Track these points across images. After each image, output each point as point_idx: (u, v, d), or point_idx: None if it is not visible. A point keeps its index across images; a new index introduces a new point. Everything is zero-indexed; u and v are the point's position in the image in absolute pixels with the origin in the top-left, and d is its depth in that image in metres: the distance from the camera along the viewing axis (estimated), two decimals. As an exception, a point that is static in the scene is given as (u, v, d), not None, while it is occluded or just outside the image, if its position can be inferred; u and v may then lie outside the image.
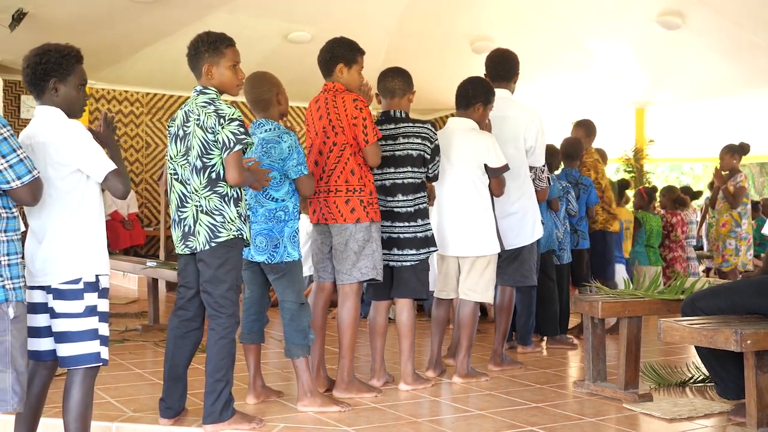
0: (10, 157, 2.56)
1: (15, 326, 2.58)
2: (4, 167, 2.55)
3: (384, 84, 4.35)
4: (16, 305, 2.59)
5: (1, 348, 2.56)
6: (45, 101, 2.88)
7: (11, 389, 2.57)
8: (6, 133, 2.57)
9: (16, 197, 2.63)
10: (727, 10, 9.09)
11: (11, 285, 2.59)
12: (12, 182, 2.58)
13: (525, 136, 4.92)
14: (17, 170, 2.58)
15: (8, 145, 2.56)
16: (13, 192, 2.60)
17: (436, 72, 10.44)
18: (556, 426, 3.62)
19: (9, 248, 2.61)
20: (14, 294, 2.59)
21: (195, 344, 3.56)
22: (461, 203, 4.51)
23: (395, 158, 4.25)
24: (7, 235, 2.61)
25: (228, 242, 3.38)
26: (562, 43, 10.35)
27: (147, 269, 6.34)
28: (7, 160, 2.56)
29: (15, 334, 2.58)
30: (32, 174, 2.61)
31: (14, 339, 2.58)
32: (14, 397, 2.58)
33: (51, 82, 2.86)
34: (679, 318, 3.63)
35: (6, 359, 2.56)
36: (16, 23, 8.16)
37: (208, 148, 3.35)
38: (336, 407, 3.81)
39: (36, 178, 2.63)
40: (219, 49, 3.46)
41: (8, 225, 2.62)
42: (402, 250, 4.23)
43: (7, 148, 2.56)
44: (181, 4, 8.76)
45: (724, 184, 7.81)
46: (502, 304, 4.98)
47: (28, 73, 2.87)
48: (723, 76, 10.88)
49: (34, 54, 2.87)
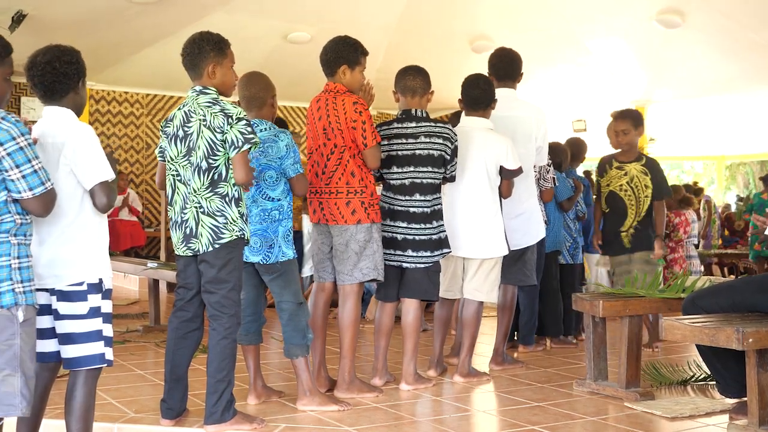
0: (24, 167, 2.55)
1: (24, 330, 2.57)
2: (16, 177, 2.54)
3: (404, 82, 4.33)
4: (26, 309, 2.58)
5: (10, 352, 2.53)
6: (62, 103, 2.87)
7: (20, 393, 2.55)
8: (23, 143, 2.55)
9: (26, 207, 2.61)
10: (727, 9, 9.09)
11: (21, 288, 2.57)
12: (23, 193, 2.56)
13: (536, 135, 4.91)
14: (30, 181, 2.56)
15: (23, 155, 2.55)
16: (25, 202, 2.59)
17: (435, 71, 10.33)
18: (558, 425, 3.62)
19: (20, 251, 2.61)
20: (24, 297, 2.58)
21: (195, 344, 3.56)
22: (476, 204, 4.49)
23: (416, 157, 4.21)
24: (18, 239, 2.61)
25: (231, 243, 3.38)
26: (561, 41, 10.34)
27: (148, 270, 6.34)
28: (21, 171, 2.54)
29: (24, 338, 2.57)
30: (45, 186, 2.59)
31: (23, 343, 2.56)
32: (23, 401, 2.56)
33: (80, 83, 2.88)
34: (680, 316, 3.63)
35: (15, 363, 2.54)
36: (16, 25, 8.15)
37: (215, 148, 3.34)
38: (335, 406, 3.82)
39: (48, 191, 2.61)
40: (223, 50, 3.47)
41: (20, 229, 2.62)
42: (417, 252, 4.21)
43: (22, 157, 2.54)
44: (181, 4, 8.76)
45: None
46: (504, 303, 4.98)
47: (48, 73, 2.82)
48: (723, 74, 10.88)
49: (55, 56, 2.83)
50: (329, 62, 4.12)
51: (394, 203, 4.24)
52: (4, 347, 2.52)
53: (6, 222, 2.57)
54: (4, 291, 2.53)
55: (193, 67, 3.46)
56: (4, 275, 2.54)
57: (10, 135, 2.53)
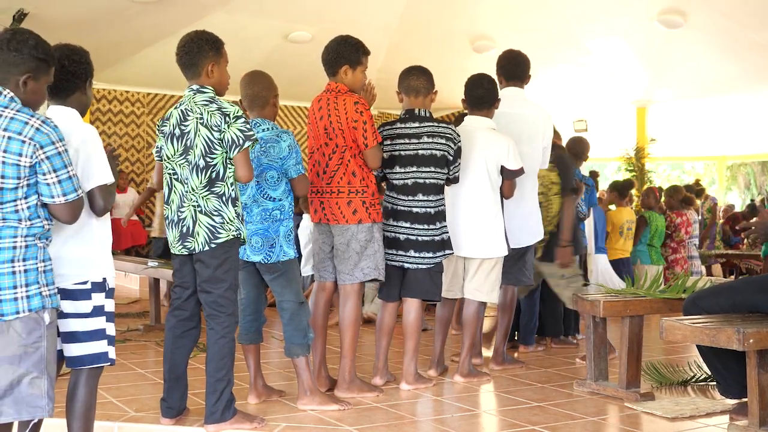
0: (61, 172, 2.55)
1: (49, 332, 2.59)
2: (53, 181, 2.54)
3: (408, 82, 4.32)
4: (51, 312, 2.60)
5: (37, 354, 2.54)
6: (67, 102, 2.87)
7: (47, 395, 2.57)
8: (61, 148, 2.56)
9: (54, 213, 2.60)
10: (728, 9, 9.10)
11: (47, 291, 2.59)
12: (57, 198, 2.56)
13: (544, 134, 4.91)
14: (64, 186, 2.56)
15: (61, 160, 2.55)
16: (54, 207, 2.59)
17: (436, 71, 10.36)
18: (558, 425, 3.62)
19: (45, 255, 2.62)
20: (50, 301, 2.59)
21: (193, 343, 3.56)
22: (478, 204, 4.49)
23: (418, 157, 4.21)
24: (42, 242, 2.62)
25: (227, 243, 3.38)
26: (562, 42, 10.36)
27: (148, 269, 6.34)
28: (58, 175, 2.55)
29: (50, 340, 2.58)
30: (77, 193, 2.60)
31: (49, 345, 2.58)
32: (49, 402, 2.58)
33: (87, 83, 2.89)
34: (680, 317, 3.63)
35: (42, 365, 2.55)
36: (17, 24, 8.16)
37: (212, 147, 3.34)
38: (336, 406, 3.82)
39: (80, 198, 2.62)
40: (220, 50, 3.47)
41: (45, 234, 2.62)
42: (419, 253, 4.20)
43: (59, 162, 2.55)
44: (181, 4, 8.77)
45: None
46: (505, 303, 4.98)
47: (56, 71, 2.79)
48: (724, 74, 10.89)
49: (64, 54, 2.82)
50: (331, 62, 4.12)
51: (397, 203, 4.24)
52: (31, 350, 2.53)
53: (36, 226, 2.58)
54: (33, 294, 2.54)
55: (192, 66, 3.45)
56: (32, 279, 2.55)
57: (50, 139, 2.53)
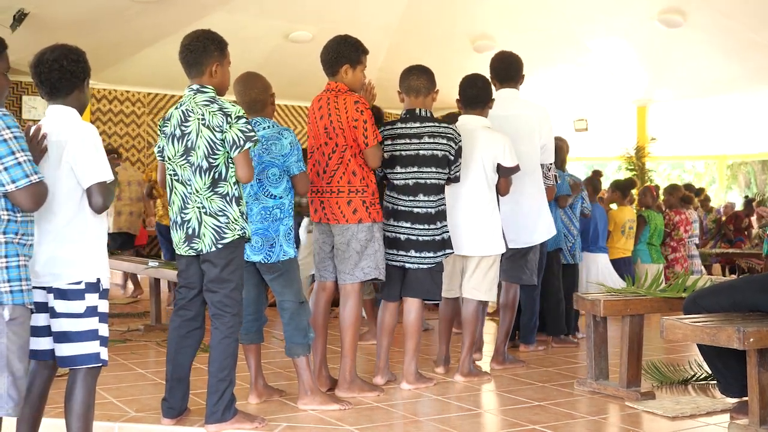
0: (7, 159, 2.52)
1: (11, 329, 2.54)
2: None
3: (408, 82, 4.32)
4: (13, 308, 2.55)
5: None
6: (66, 102, 2.87)
7: (6, 394, 2.53)
8: (7, 135, 2.53)
9: (14, 201, 2.58)
10: (728, 9, 9.10)
11: (8, 288, 2.55)
12: (7, 185, 2.54)
13: (540, 132, 4.91)
14: (12, 173, 2.53)
15: (7, 147, 2.52)
16: (10, 195, 2.56)
17: (436, 71, 10.36)
18: (558, 424, 3.62)
19: (8, 250, 2.59)
20: (10, 297, 2.55)
21: (197, 344, 3.56)
22: (476, 203, 4.49)
23: (419, 157, 4.20)
24: (6, 237, 2.59)
25: (233, 242, 3.39)
26: (563, 41, 10.35)
27: (149, 269, 6.34)
28: (2, 163, 2.52)
29: (11, 338, 2.54)
30: (29, 179, 2.56)
31: (10, 342, 2.53)
32: (9, 401, 2.53)
33: (85, 82, 2.89)
34: (681, 316, 3.63)
35: (2, 363, 2.52)
36: (17, 24, 8.16)
37: (214, 147, 3.34)
38: (336, 405, 3.82)
39: (34, 183, 2.57)
40: (224, 50, 3.48)
41: (8, 227, 2.60)
42: (420, 253, 4.20)
43: (4, 149, 2.52)
44: (181, 4, 8.77)
45: None
46: (507, 302, 4.98)
47: (55, 71, 2.82)
48: (724, 74, 10.89)
49: (62, 54, 2.83)
50: (330, 62, 4.12)
51: (398, 203, 4.24)
52: None
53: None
54: None
55: (196, 64, 3.44)
56: None
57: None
